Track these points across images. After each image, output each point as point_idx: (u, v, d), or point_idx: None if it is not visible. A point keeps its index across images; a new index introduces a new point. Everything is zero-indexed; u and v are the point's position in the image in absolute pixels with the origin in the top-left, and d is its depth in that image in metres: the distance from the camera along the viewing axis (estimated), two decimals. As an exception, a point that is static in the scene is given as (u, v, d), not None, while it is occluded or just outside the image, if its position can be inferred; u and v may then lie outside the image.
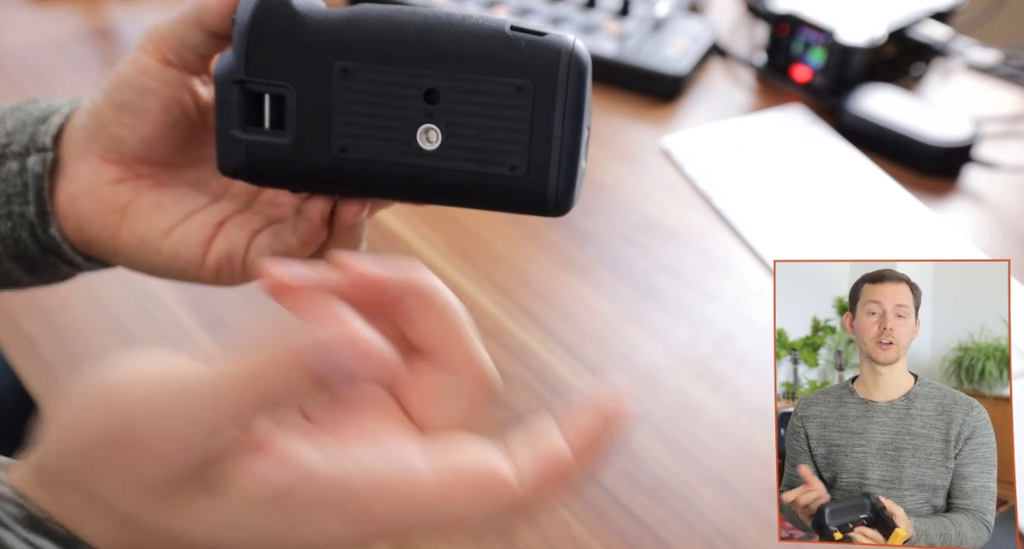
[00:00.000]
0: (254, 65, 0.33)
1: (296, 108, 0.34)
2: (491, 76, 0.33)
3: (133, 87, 0.37)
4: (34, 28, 0.87)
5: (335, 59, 0.33)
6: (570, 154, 0.34)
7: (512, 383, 0.55)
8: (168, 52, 0.37)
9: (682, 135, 0.77)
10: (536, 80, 0.33)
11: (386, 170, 0.34)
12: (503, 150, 0.34)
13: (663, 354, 0.58)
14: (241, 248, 0.40)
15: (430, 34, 0.33)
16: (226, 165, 0.35)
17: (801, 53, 0.81)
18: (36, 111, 0.40)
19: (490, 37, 0.33)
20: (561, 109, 0.33)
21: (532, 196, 0.34)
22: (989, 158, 0.73)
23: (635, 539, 0.47)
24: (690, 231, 0.68)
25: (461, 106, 0.33)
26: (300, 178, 0.35)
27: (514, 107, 0.33)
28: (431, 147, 0.34)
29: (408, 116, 0.33)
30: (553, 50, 0.33)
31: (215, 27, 0.36)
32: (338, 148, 0.34)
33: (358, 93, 0.33)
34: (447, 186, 0.34)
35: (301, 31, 0.33)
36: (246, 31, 0.33)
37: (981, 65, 0.86)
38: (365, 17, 0.34)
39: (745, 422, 0.53)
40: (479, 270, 0.63)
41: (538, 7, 0.86)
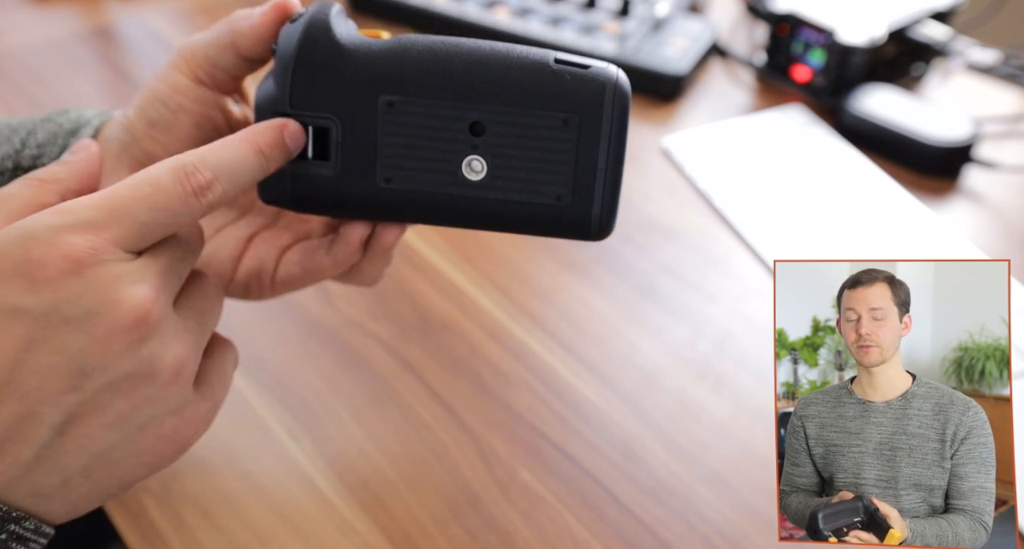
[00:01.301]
0: (298, 97, 0.34)
1: (341, 140, 0.34)
2: (537, 109, 0.33)
3: (166, 105, 0.37)
4: (34, 28, 0.87)
5: (380, 93, 0.34)
6: (613, 184, 0.35)
7: (512, 383, 0.55)
8: (200, 72, 0.37)
9: (682, 135, 0.77)
10: (582, 113, 0.33)
11: (431, 200, 0.35)
12: (548, 180, 0.34)
13: (663, 354, 0.58)
14: (271, 264, 0.40)
15: (475, 67, 0.33)
16: (269, 195, 0.36)
17: (801, 53, 0.81)
18: (67, 123, 0.40)
19: (535, 70, 0.34)
20: (606, 140, 0.34)
21: (576, 224, 0.35)
22: (989, 158, 0.73)
23: (635, 539, 0.47)
24: (690, 231, 0.68)
25: (507, 138, 0.34)
26: (344, 207, 0.36)
27: (560, 139, 0.34)
28: (476, 178, 0.34)
29: (453, 148, 0.34)
30: (598, 83, 0.34)
31: (249, 52, 0.37)
32: (383, 179, 0.34)
33: (403, 126, 0.34)
34: (492, 215, 0.35)
35: (345, 64, 0.34)
36: (291, 63, 0.34)
37: (981, 65, 0.86)
38: (409, 50, 0.34)
39: (745, 422, 0.53)
40: (479, 270, 0.63)
41: (538, 7, 0.86)
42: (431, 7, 0.87)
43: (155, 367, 0.30)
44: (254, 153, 0.32)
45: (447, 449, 0.51)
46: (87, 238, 0.29)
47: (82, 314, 0.28)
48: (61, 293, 0.28)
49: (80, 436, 0.30)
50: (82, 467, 0.30)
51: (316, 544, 0.46)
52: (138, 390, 0.30)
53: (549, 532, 0.47)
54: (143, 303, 0.29)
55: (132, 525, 0.46)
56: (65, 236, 0.28)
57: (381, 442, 0.51)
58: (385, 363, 0.56)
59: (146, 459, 0.32)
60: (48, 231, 0.29)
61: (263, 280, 0.41)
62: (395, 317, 0.59)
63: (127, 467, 0.31)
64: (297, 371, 0.55)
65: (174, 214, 0.30)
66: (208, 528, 0.47)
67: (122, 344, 0.29)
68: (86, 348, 0.28)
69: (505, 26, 0.84)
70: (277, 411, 0.53)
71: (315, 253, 0.39)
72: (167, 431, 0.32)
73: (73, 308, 0.28)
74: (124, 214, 0.29)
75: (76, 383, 0.29)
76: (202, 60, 0.37)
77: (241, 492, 0.48)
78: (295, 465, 0.50)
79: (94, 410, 0.30)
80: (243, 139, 0.32)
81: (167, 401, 0.31)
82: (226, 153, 0.32)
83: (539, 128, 0.34)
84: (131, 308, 0.29)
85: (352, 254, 0.38)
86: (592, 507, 0.49)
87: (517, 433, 0.52)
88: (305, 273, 0.40)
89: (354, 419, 0.53)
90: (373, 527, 0.47)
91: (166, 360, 0.30)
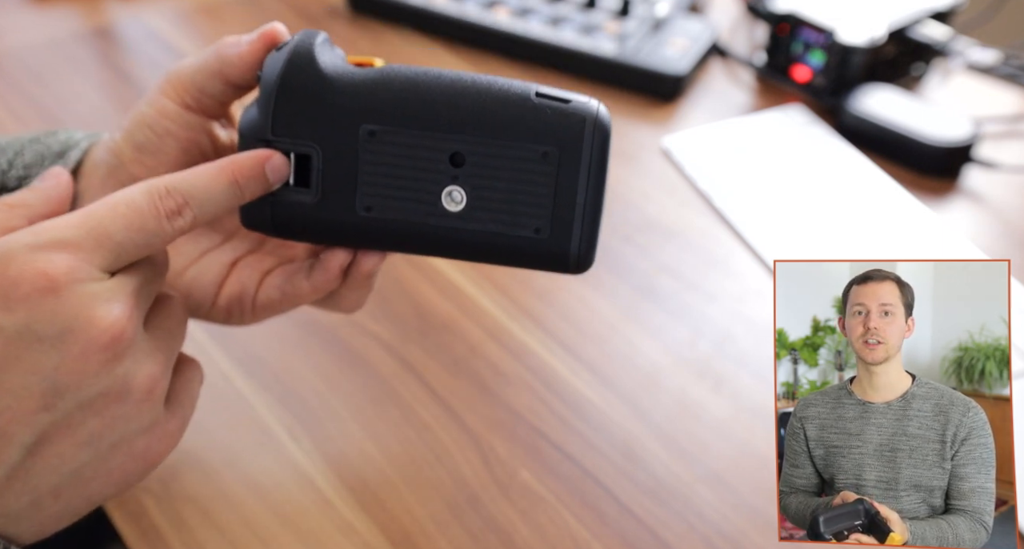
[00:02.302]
0: (280, 125, 0.34)
1: (322, 168, 0.34)
2: (517, 141, 0.34)
3: (153, 129, 0.37)
4: (34, 28, 0.87)
5: (362, 122, 0.34)
6: (592, 218, 0.35)
7: (512, 383, 0.55)
8: (187, 97, 0.37)
9: (682, 135, 0.77)
10: (562, 146, 0.34)
11: (410, 229, 0.35)
12: (527, 213, 0.34)
13: (663, 354, 0.58)
14: (252, 288, 0.40)
15: (456, 99, 0.34)
16: (250, 220, 0.36)
17: (801, 53, 0.81)
18: (55, 144, 0.40)
19: (516, 103, 0.34)
20: (585, 174, 0.34)
21: (555, 257, 0.35)
22: (989, 158, 0.73)
23: (635, 539, 0.47)
24: (690, 231, 0.68)
25: (487, 170, 0.34)
26: (324, 235, 0.36)
27: (540, 172, 0.34)
28: (456, 208, 0.34)
29: (434, 178, 0.34)
30: (578, 117, 0.34)
31: (236, 80, 0.37)
32: (363, 208, 0.35)
33: (384, 155, 0.34)
34: (471, 246, 0.35)
35: (328, 92, 0.34)
36: (274, 91, 0.34)
37: (981, 65, 0.86)
38: (392, 80, 0.34)
39: (745, 422, 0.53)
40: (479, 270, 0.63)
41: (538, 7, 0.86)
42: (431, 7, 0.87)
43: (129, 386, 0.30)
44: (228, 183, 0.33)
45: (447, 449, 0.51)
46: (64, 257, 0.29)
47: (56, 333, 0.28)
48: (35, 312, 0.28)
49: (52, 456, 0.30)
50: (53, 487, 0.30)
51: (316, 544, 0.46)
52: (111, 409, 0.30)
53: (549, 532, 0.47)
54: (117, 322, 0.29)
55: (132, 525, 0.46)
56: (42, 254, 0.28)
57: (381, 442, 0.51)
58: (385, 363, 0.56)
59: (116, 477, 0.32)
60: (24, 249, 0.28)
61: (244, 304, 0.41)
62: (395, 317, 0.59)
63: (97, 486, 0.31)
64: (297, 371, 0.55)
65: (148, 235, 0.31)
66: (208, 528, 0.47)
67: (96, 363, 0.29)
68: (60, 367, 0.28)
69: (505, 26, 0.84)
70: (277, 411, 0.53)
71: (294, 278, 0.39)
72: (138, 449, 0.32)
73: (47, 327, 0.28)
74: (101, 234, 0.30)
75: (49, 402, 0.29)
76: (189, 85, 0.37)
77: (241, 492, 0.48)
78: (295, 465, 0.50)
79: (67, 429, 0.29)
80: (220, 168, 0.33)
81: (139, 419, 0.31)
82: (200, 181, 0.32)
83: (519, 160, 0.34)
84: (106, 327, 0.29)
85: (331, 280, 0.38)
86: (592, 507, 0.49)
87: (517, 433, 0.52)
88: (284, 297, 0.40)
89: (354, 419, 0.53)
90: (373, 527, 0.47)
91: (139, 378, 0.30)
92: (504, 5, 0.87)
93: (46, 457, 0.30)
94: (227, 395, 0.53)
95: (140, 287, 0.31)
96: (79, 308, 0.28)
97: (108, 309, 0.29)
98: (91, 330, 0.28)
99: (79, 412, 0.29)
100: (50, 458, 0.30)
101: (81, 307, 0.28)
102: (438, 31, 0.88)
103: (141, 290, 0.31)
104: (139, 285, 0.31)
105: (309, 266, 0.39)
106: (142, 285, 0.31)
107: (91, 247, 0.29)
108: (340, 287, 0.39)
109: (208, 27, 0.89)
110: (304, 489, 0.49)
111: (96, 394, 0.29)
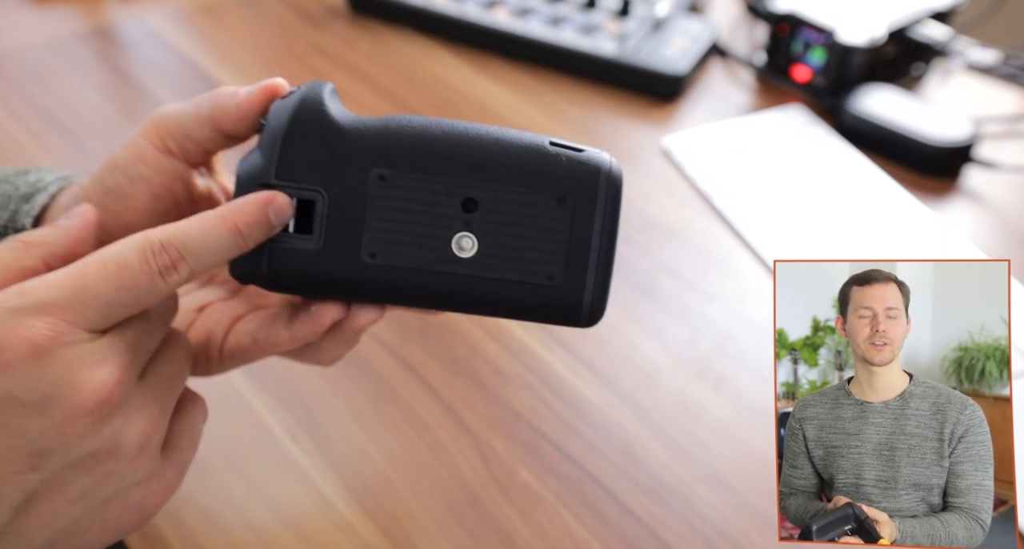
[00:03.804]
0: (286, 169, 0.33)
1: (327, 213, 0.33)
2: (533, 187, 0.33)
3: (126, 173, 0.36)
4: (34, 28, 0.87)
5: (372, 166, 0.33)
6: (605, 268, 0.34)
7: (512, 383, 0.55)
8: (170, 141, 0.36)
9: (682, 135, 0.77)
10: (577, 193, 0.34)
11: (417, 278, 0.34)
12: (540, 260, 0.34)
13: (663, 354, 0.58)
14: (219, 334, 0.38)
15: (469, 145, 0.33)
16: (242, 269, 0.34)
17: (801, 53, 0.81)
18: (23, 186, 0.39)
19: (531, 150, 0.34)
20: (600, 222, 0.34)
21: (567, 306, 0.34)
22: (989, 158, 0.73)
23: (635, 539, 0.47)
24: (690, 231, 0.68)
25: (500, 216, 0.33)
26: (324, 284, 0.34)
27: (554, 218, 0.34)
28: (466, 255, 0.34)
29: (444, 224, 0.33)
30: (593, 165, 0.34)
31: (228, 128, 0.36)
32: (368, 254, 0.34)
33: (394, 200, 0.33)
34: (479, 294, 0.34)
35: (337, 137, 0.33)
36: (281, 135, 0.33)
37: (981, 65, 0.86)
38: (403, 126, 0.34)
39: (745, 422, 0.53)
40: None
41: (538, 7, 0.86)
42: (431, 7, 0.87)
43: (119, 445, 0.29)
44: (229, 232, 0.31)
45: (447, 449, 0.51)
46: (48, 321, 0.28)
47: (40, 398, 0.28)
48: (17, 378, 0.28)
49: (43, 512, 0.29)
50: (45, 540, 0.30)
51: (316, 544, 0.46)
52: (102, 467, 0.29)
53: (549, 532, 0.47)
54: (104, 385, 0.28)
55: (132, 525, 0.46)
56: (25, 319, 0.28)
57: (381, 442, 0.51)
58: (385, 363, 0.56)
59: (112, 528, 0.31)
60: (7, 313, 0.28)
61: (211, 352, 0.38)
62: (395, 317, 0.59)
63: (92, 537, 0.31)
64: (297, 371, 0.55)
65: (139, 293, 0.29)
66: (208, 528, 0.47)
67: (82, 427, 0.28)
68: (45, 431, 0.28)
69: (505, 26, 0.84)
70: (277, 412, 0.53)
71: (272, 324, 0.37)
72: (133, 502, 0.31)
73: (30, 393, 0.28)
74: (88, 295, 0.29)
75: (36, 463, 0.28)
76: (175, 130, 0.36)
77: (241, 492, 0.48)
78: (295, 465, 0.50)
79: (57, 487, 0.29)
80: (220, 217, 0.31)
81: (132, 475, 0.30)
82: (197, 232, 0.31)
83: (534, 206, 0.33)
84: (91, 391, 0.28)
85: (316, 333, 0.36)
86: (592, 507, 0.49)
87: (517, 433, 0.52)
88: (256, 345, 0.37)
89: (354, 419, 0.53)
90: (373, 527, 0.47)
91: (130, 437, 0.30)
92: (504, 5, 0.87)
93: (37, 514, 0.29)
94: (227, 395, 0.53)
95: (135, 342, 0.30)
96: (62, 374, 0.28)
97: (94, 373, 0.28)
98: (75, 396, 0.28)
99: (68, 472, 0.29)
100: (42, 514, 0.29)
101: (64, 372, 0.28)
102: (438, 31, 0.88)
103: (137, 345, 0.30)
104: (134, 340, 0.30)
105: (289, 314, 0.36)
106: (138, 339, 0.30)
107: (78, 309, 0.28)
108: (322, 340, 0.37)
109: (208, 27, 0.89)
110: (304, 489, 0.49)
111: (84, 455, 0.29)
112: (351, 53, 0.86)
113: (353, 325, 0.36)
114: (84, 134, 0.74)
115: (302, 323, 0.36)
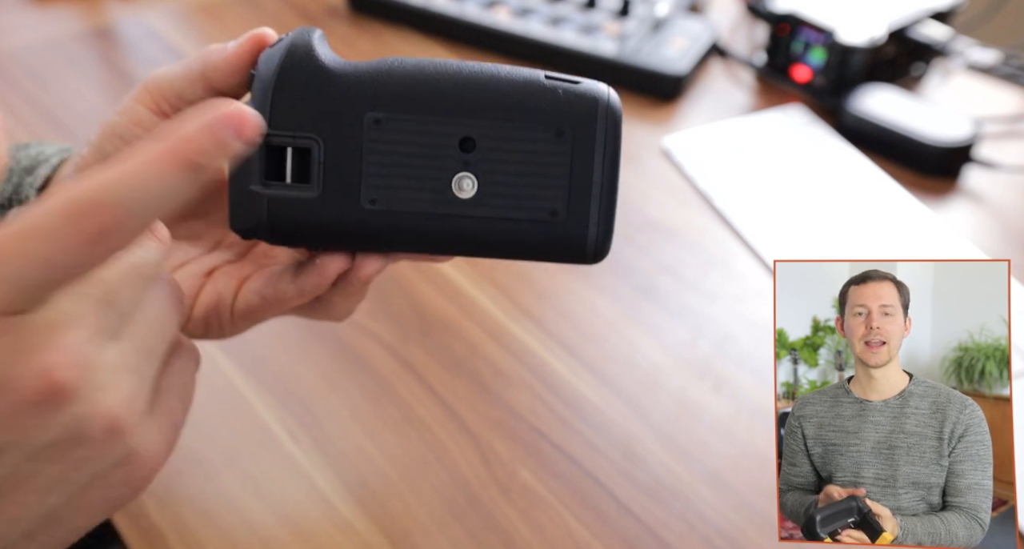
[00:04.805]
0: (279, 117, 0.33)
1: (324, 160, 0.33)
2: (531, 122, 0.33)
3: (123, 138, 0.35)
4: (34, 28, 0.87)
5: (367, 110, 0.33)
6: (608, 201, 0.34)
7: (512, 383, 0.55)
8: (164, 104, 0.35)
9: (682, 135, 0.77)
10: (576, 125, 0.33)
11: (419, 221, 0.33)
12: (542, 195, 0.33)
13: (663, 354, 0.58)
14: (229, 297, 0.38)
15: (464, 83, 0.33)
16: (242, 223, 0.33)
17: (801, 53, 0.81)
18: (25, 160, 0.38)
19: (526, 85, 0.33)
20: (600, 154, 0.33)
21: (571, 241, 0.34)
22: (989, 158, 0.73)
23: (635, 539, 0.47)
24: (690, 231, 0.68)
25: (499, 153, 0.33)
26: (326, 233, 0.34)
27: (554, 153, 0.33)
28: (466, 195, 0.33)
29: (443, 165, 0.33)
30: (590, 96, 0.33)
31: (220, 84, 0.35)
32: (368, 200, 0.33)
33: (391, 144, 0.33)
34: (482, 235, 0.34)
35: (329, 83, 0.33)
36: (271, 84, 0.33)
37: (981, 65, 0.86)
38: (395, 69, 0.33)
39: (745, 422, 0.53)
40: (479, 270, 0.63)
41: (538, 7, 0.86)
42: (431, 7, 0.87)
43: (83, 430, 0.26)
44: (180, 169, 0.25)
45: (447, 449, 0.51)
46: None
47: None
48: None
49: (13, 506, 0.27)
50: (24, 532, 0.28)
51: (316, 544, 0.46)
52: (69, 455, 0.26)
53: (549, 532, 0.47)
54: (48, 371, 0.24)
55: (132, 525, 0.46)
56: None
57: (381, 442, 0.51)
58: (385, 363, 0.56)
59: (99, 509, 0.29)
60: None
61: (222, 314, 0.38)
62: (395, 317, 0.59)
63: (78, 520, 0.29)
64: (297, 371, 0.55)
65: (70, 267, 0.24)
66: (208, 528, 0.47)
67: (32, 418, 0.25)
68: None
69: (505, 26, 0.84)
70: (277, 411, 0.53)
71: (278, 280, 0.36)
72: (116, 481, 0.28)
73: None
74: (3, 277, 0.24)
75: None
76: (168, 92, 0.35)
77: (241, 492, 0.48)
78: (295, 465, 0.50)
79: (20, 481, 0.26)
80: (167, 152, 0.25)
81: (108, 457, 0.27)
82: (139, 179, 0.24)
83: (532, 141, 0.33)
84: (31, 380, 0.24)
85: (322, 285, 0.35)
86: (592, 507, 0.49)
87: (517, 433, 0.52)
88: (265, 302, 0.36)
89: (354, 419, 0.53)
90: (373, 527, 0.47)
91: (95, 421, 0.26)
92: (504, 5, 0.87)
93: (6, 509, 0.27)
94: (227, 395, 0.53)
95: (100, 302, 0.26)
96: None
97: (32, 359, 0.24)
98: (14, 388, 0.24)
99: (30, 464, 0.26)
100: (12, 508, 0.27)
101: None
102: (438, 31, 0.88)
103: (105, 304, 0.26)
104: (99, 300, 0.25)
105: (295, 268, 0.36)
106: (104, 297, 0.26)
107: None
108: (331, 294, 0.37)
109: (208, 27, 0.89)
110: (304, 488, 0.49)
111: (43, 446, 0.26)
112: (351, 53, 0.86)
113: (359, 275, 0.35)
114: (84, 134, 0.74)
115: (307, 276, 0.35)
